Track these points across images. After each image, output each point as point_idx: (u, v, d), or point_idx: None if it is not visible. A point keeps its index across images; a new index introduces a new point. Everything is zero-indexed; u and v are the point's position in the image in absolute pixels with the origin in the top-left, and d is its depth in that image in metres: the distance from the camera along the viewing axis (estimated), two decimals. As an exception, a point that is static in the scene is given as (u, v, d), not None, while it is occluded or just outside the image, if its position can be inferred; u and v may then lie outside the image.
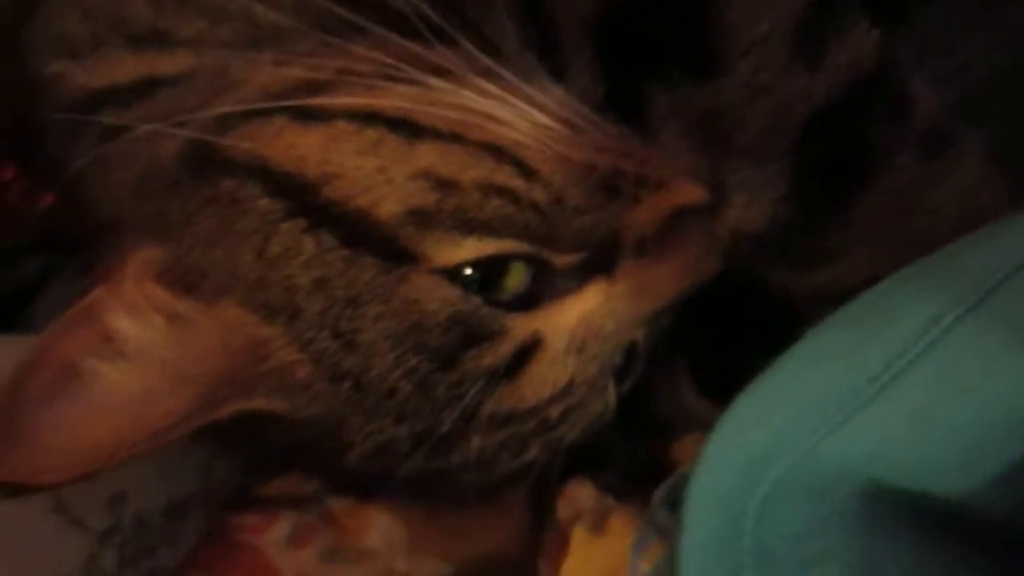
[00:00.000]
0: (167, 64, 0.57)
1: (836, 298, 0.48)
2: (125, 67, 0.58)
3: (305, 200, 0.47)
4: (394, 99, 0.49)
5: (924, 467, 0.45)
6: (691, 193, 0.51)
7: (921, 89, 0.50)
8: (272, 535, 0.61)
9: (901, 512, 0.47)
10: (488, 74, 0.50)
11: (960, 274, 0.45)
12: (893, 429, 0.44)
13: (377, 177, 0.47)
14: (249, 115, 0.50)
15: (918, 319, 0.44)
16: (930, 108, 0.50)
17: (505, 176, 0.48)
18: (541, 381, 0.51)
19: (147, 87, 0.57)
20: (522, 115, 0.49)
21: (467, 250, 0.48)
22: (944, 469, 0.44)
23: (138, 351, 0.47)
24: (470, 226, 0.47)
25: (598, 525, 0.55)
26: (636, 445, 0.65)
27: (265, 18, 0.55)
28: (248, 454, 0.63)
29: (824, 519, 0.47)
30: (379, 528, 0.62)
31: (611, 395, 0.56)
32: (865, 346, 0.45)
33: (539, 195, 0.48)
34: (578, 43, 0.50)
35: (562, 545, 0.60)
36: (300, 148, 0.48)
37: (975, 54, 0.57)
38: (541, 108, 0.50)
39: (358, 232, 0.47)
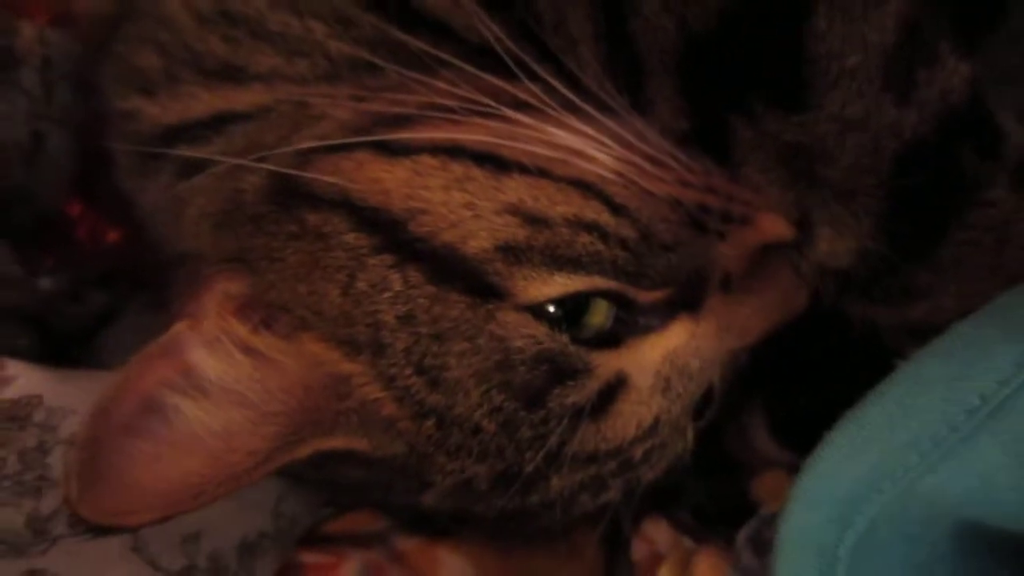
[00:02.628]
0: (241, 99, 0.57)
1: (926, 335, 0.47)
2: (199, 102, 0.58)
3: (391, 235, 0.47)
4: (478, 133, 0.48)
5: None
6: (777, 229, 0.50)
7: (1010, 122, 0.49)
8: (342, 574, 0.60)
9: (1003, 556, 0.45)
10: (570, 108, 0.50)
11: None
12: (995, 464, 0.42)
13: (464, 212, 0.47)
14: (330, 149, 0.50)
15: (1016, 350, 0.42)
16: (1021, 141, 0.49)
17: (594, 212, 0.47)
18: (625, 421, 0.50)
19: (221, 122, 0.58)
20: (606, 150, 0.49)
21: (555, 287, 0.47)
22: None
23: (220, 388, 0.47)
24: (559, 262, 0.47)
25: (684, 568, 0.53)
26: (710, 483, 0.63)
27: (341, 53, 0.55)
28: (322, 492, 0.63)
29: (920, 564, 0.45)
30: (449, 568, 0.61)
31: (690, 434, 0.55)
32: (961, 379, 0.43)
33: (627, 231, 0.47)
34: (661, 75, 0.49)
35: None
36: (385, 182, 0.48)
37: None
38: (624, 143, 0.49)
39: (445, 268, 0.46)
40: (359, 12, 0.54)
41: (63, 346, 0.68)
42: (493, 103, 0.49)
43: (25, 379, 0.53)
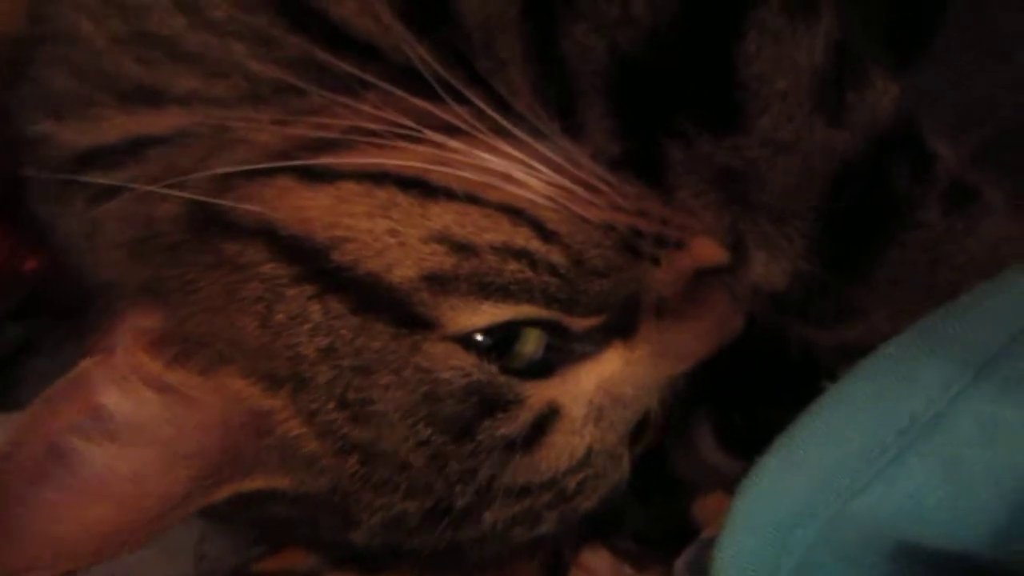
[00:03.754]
0: (158, 122, 0.55)
1: (861, 354, 0.47)
2: (114, 126, 0.56)
3: (313, 265, 0.45)
4: (404, 158, 0.47)
5: (960, 523, 0.42)
6: (711, 253, 0.49)
7: (941, 144, 0.49)
8: (271, 616, 0.58)
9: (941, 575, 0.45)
10: (500, 132, 0.49)
11: (985, 323, 0.44)
12: (925, 483, 0.42)
13: (389, 240, 0.45)
14: (251, 175, 0.48)
15: (943, 369, 0.43)
16: (951, 163, 0.49)
17: (523, 238, 0.46)
18: (558, 452, 0.49)
19: (137, 146, 0.55)
20: (537, 175, 0.48)
21: (483, 316, 0.46)
22: (982, 524, 0.42)
23: (129, 429, 0.45)
24: (487, 291, 0.45)
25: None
26: (652, 507, 0.62)
27: (262, 75, 0.53)
28: (245, 531, 0.60)
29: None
30: (383, 605, 0.59)
31: (626, 462, 0.54)
32: (890, 399, 0.44)
33: (558, 258, 0.46)
34: (592, 97, 0.48)
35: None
36: (307, 210, 0.46)
37: (988, 101, 0.56)
38: (555, 167, 0.48)
39: (369, 298, 0.45)
40: (283, 32, 0.52)
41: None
42: (419, 127, 0.48)
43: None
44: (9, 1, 0.65)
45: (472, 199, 0.47)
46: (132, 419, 0.45)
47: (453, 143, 0.47)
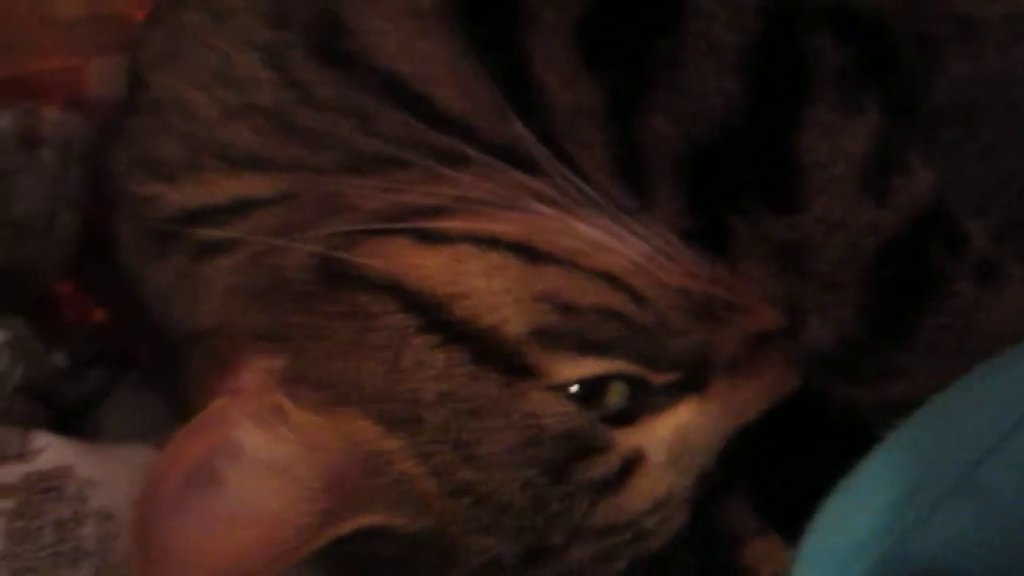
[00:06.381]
0: (264, 186, 0.60)
1: (901, 408, 0.52)
2: (222, 188, 0.61)
3: (436, 317, 0.50)
4: (511, 225, 0.53)
5: (997, 558, 0.47)
6: (771, 318, 0.55)
7: (971, 224, 0.56)
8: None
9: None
10: (588, 203, 0.54)
11: (1021, 379, 0.49)
12: (971, 519, 0.47)
13: (504, 297, 0.50)
14: (370, 234, 0.53)
15: (989, 415, 0.48)
16: (980, 241, 0.56)
17: (620, 302, 0.52)
18: (642, 494, 0.53)
19: (243, 206, 0.60)
20: (625, 243, 0.53)
21: (584, 368, 0.51)
22: (1019, 559, 0.47)
23: (267, 462, 0.48)
24: (589, 346, 0.51)
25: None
26: (702, 551, 0.66)
27: (366, 148, 0.58)
28: (320, 568, 0.63)
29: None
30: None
31: (689, 507, 0.58)
32: (945, 443, 0.49)
33: (648, 319, 0.52)
34: (665, 179, 0.54)
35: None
36: (427, 268, 0.51)
37: (1004, 182, 0.63)
38: (640, 237, 0.54)
39: (486, 349, 0.50)
40: (387, 111, 0.58)
41: (63, 422, 0.67)
42: (524, 197, 0.53)
43: (54, 451, 0.53)
44: (112, 65, 0.70)
45: (574, 264, 0.52)
46: (268, 453, 0.48)
47: (554, 213, 0.53)
